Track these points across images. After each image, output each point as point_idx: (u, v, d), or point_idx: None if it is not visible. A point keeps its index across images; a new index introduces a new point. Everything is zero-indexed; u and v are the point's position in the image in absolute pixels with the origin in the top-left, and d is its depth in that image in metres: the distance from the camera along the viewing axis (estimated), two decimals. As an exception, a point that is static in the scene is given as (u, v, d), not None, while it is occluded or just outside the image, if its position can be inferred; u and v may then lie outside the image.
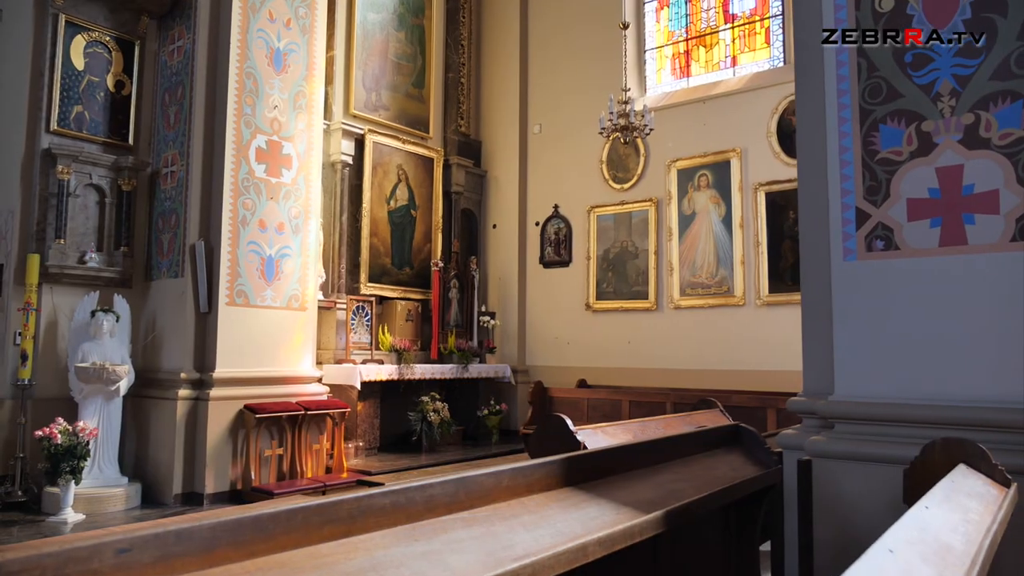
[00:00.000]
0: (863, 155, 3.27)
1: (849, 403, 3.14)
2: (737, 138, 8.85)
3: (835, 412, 3.19)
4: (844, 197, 3.30)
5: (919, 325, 3.03)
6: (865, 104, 3.28)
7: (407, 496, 1.43)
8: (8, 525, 5.63)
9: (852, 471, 3.09)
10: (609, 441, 4.26)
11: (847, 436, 3.14)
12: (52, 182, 6.66)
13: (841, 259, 3.28)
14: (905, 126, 3.17)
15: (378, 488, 1.38)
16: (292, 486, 6.62)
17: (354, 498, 1.33)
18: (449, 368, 9.18)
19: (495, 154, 10.95)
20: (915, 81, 3.16)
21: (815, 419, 3.44)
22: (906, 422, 2.93)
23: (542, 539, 1.59)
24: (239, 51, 7.02)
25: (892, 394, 3.05)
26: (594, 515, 1.80)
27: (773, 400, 7.43)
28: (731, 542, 2.69)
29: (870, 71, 3.27)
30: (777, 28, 8.95)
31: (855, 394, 3.15)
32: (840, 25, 3.40)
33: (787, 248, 8.38)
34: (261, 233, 7.09)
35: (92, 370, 6.22)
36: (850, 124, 3.33)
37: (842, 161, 3.33)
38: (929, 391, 2.96)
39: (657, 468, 2.25)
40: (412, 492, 1.44)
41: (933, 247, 3.06)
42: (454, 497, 1.53)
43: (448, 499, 1.51)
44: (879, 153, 3.22)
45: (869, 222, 3.20)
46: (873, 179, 3.22)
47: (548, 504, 1.75)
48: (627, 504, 1.93)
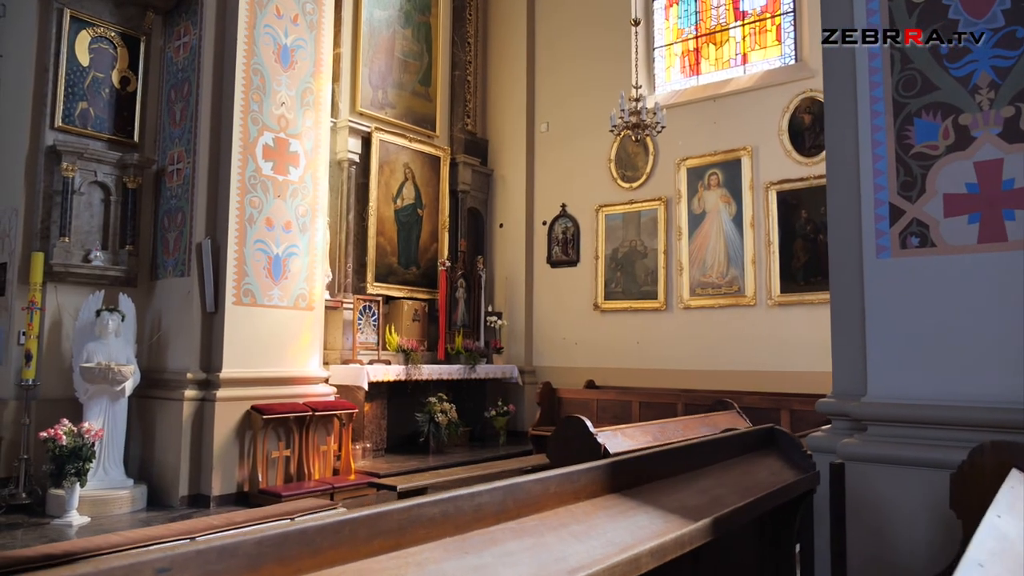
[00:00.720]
0: (897, 149, 3.17)
1: (884, 404, 3.05)
2: (748, 136, 8.75)
3: (869, 414, 3.10)
4: (877, 193, 3.21)
5: (957, 324, 2.93)
6: (899, 97, 3.18)
7: (456, 505, 1.33)
8: (12, 528, 5.53)
9: (888, 475, 3.00)
10: (629, 443, 4.18)
11: (882, 439, 3.05)
12: (56, 179, 6.57)
13: (874, 256, 3.19)
14: (941, 119, 3.07)
15: (426, 497, 1.28)
16: (300, 488, 6.52)
17: (403, 508, 1.24)
18: (456, 369, 9.08)
19: (502, 153, 10.85)
20: (952, 73, 3.07)
21: (845, 421, 3.35)
22: (947, 425, 2.83)
23: (594, 550, 1.49)
24: (246, 47, 6.92)
25: (929, 395, 2.96)
26: (642, 523, 1.70)
27: (787, 401, 7.33)
28: (766, 549, 2.59)
29: (904, 63, 3.18)
30: (788, 25, 8.86)
31: (890, 395, 3.06)
32: (872, 16, 3.31)
33: (799, 247, 8.29)
34: (268, 231, 6.99)
35: (97, 370, 6.13)
36: (883, 118, 3.23)
37: (874, 156, 3.24)
38: (969, 392, 2.86)
39: (697, 473, 2.15)
40: (461, 501, 1.34)
41: (971, 244, 2.96)
42: (502, 506, 1.43)
43: (496, 508, 1.42)
44: (914, 147, 3.12)
45: (903, 218, 3.11)
46: (907, 174, 3.13)
47: (595, 512, 1.65)
48: (673, 511, 1.83)
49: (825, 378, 7.71)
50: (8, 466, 6.16)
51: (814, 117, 8.31)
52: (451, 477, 5.64)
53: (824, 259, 8.02)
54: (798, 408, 7.18)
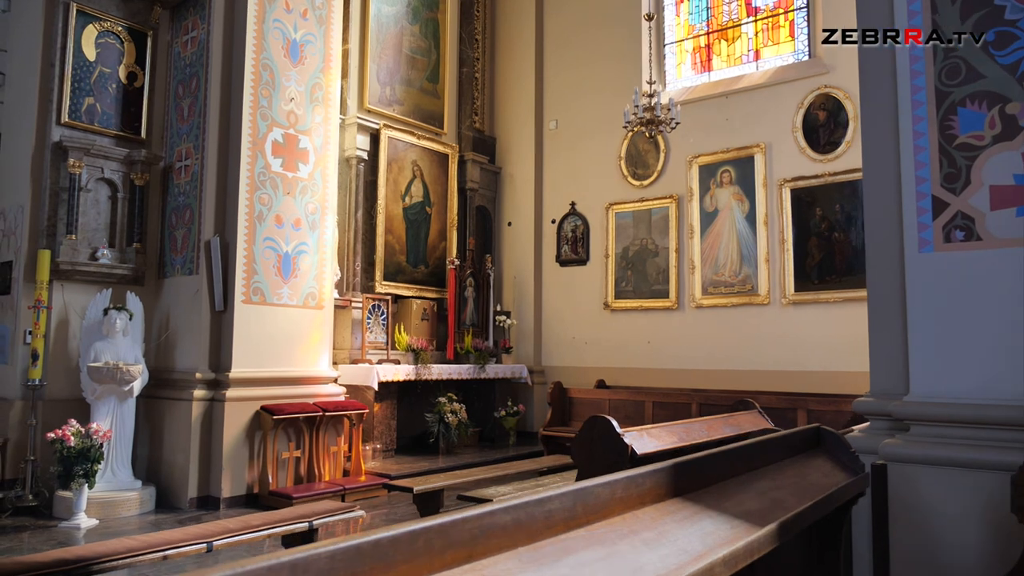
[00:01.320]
0: (940, 140, 3.07)
1: (929, 404, 2.95)
2: (761, 133, 8.65)
3: (912, 413, 3.00)
4: (919, 185, 3.11)
5: (1005, 320, 2.83)
6: (942, 86, 3.08)
7: (527, 512, 1.23)
8: (19, 530, 5.42)
9: (934, 476, 2.89)
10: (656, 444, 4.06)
11: (927, 439, 2.94)
12: (63, 176, 6.46)
13: (916, 251, 3.08)
14: (987, 109, 2.97)
15: (496, 504, 1.17)
16: (310, 490, 6.41)
17: (475, 516, 1.13)
18: (466, 368, 8.97)
19: (510, 150, 10.75)
20: (998, 61, 2.96)
21: (884, 420, 3.25)
22: (999, 424, 2.72)
23: (667, 558, 1.39)
24: (255, 42, 6.82)
25: (976, 394, 2.86)
26: (709, 530, 1.60)
27: (803, 401, 7.22)
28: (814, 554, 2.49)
29: (947, 51, 3.08)
30: (802, 21, 8.75)
31: (934, 394, 2.95)
32: (912, 5, 3.20)
33: (814, 246, 8.18)
34: (277, 229, 6.89)
35: (105, 370, 6.02)
36: (925, 107, 3.12)
37: (916, 147, 3.14)
38: (1019, 391, 2.76)
39: (753, 475, 2.05)
40: (531, 507, 1.24)
41: (1020, 237, 2.86)
42: (571, 512, 1.33)
43: (566, 514, 1.31)
44: (958, 138, 3.02)
45: (947, 211, 3.01)
46: (951, 165, 3.02)
47: (662, 518, 1.55)
48: (737, 516, 1.73)
49: (842, 377, 7.67)
50: (15, 467, 6.05)
51: (829, 113, 8.21)
52: (467, 479, 5.53)
53: (839, 258, 7.93)
54: (815, 408, 7.07)
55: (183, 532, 3.42)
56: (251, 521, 3.71)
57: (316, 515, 3.98)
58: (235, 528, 3.56)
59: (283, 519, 3.83)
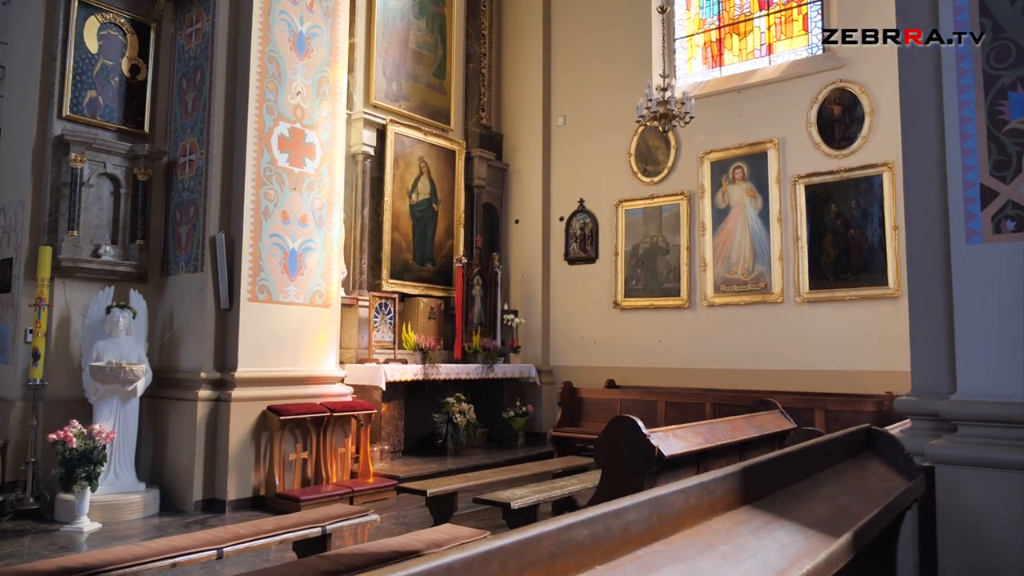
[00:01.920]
0: (988, 126, 2.92)
1: (979, 403, 2.80)
2: (774, 129, 8.50)
3: (960, 413, 2.85)
4: (966, 173, 2.96)
5: (1061, 315, 2.69)
6: (990, 69, 2.93)
7: (604, 525, 1.08)
8: (20, 535, 5.27)
9: (985, 479, 2.74)
10: (682, 445, 3.92)
11: (977, 440, 2.79)
12: (64, 171, 6.31)
13: (963, 242, 2.93)
14: (1040, 93, 2.83)
15: (572, 517, 1.03)
16: (318, 492, 6.26)
17: (551, 532, 0.98)
18: (475, 368, 8.83)
19: (517, 147, 10.60)
20: (1052, 42, 2.82)
21: (927, 421, 3.10)
22: (1059, 425, 2.58)
23: (751, 574, 1.24)
24: (261, 34, 6.67)
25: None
26: (785, 541, 1.45)
27: (820, 401, 7.07)
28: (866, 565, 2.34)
29: (996, 32, 2.93)
30: (815, 14, 8.61)
31: (984, 392, 2.80)
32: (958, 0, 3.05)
33: (829, 243, 8.03)
34: (284, 225, 6.74)
35: (108, 369, 5.87)
36: (972, 92, 2.98)
37: (963, 133, 2.99)
38: (1078, 389, 2.61)
39: (815, 480, 1.90)
40: (609, 520, 1.09)
41: (1075, 227, 2.72)
42: (648, 524, 1.18)
43: (643, 527, 1.17)
44: (1008, 123, 2.87)
45: (997, 200, 2.86)
46: (1001, 152, 2.88)
47: (736, 528, 1.40)
48: (809, 525, 1.58)
49: (859, 377, 7.51)
50: (15, 470, 5.89)
51: (844, 108, 8.06)
52: (479, 481, 5.38)
53: (855, 255, 7.78)
54: (833, 408, 6.93)
55: (192, 538, 3.27)
56: (262, 526, 3.56)
57: (329, 519, 3.83)
58: (246, 533, 3.41)
59: (295, 524, 3.68)
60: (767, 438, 4.75)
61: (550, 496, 4.87)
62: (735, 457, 4.48)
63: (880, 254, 7.67)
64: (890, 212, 7.62)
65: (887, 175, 7.67)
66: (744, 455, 4.55)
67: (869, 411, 6.73)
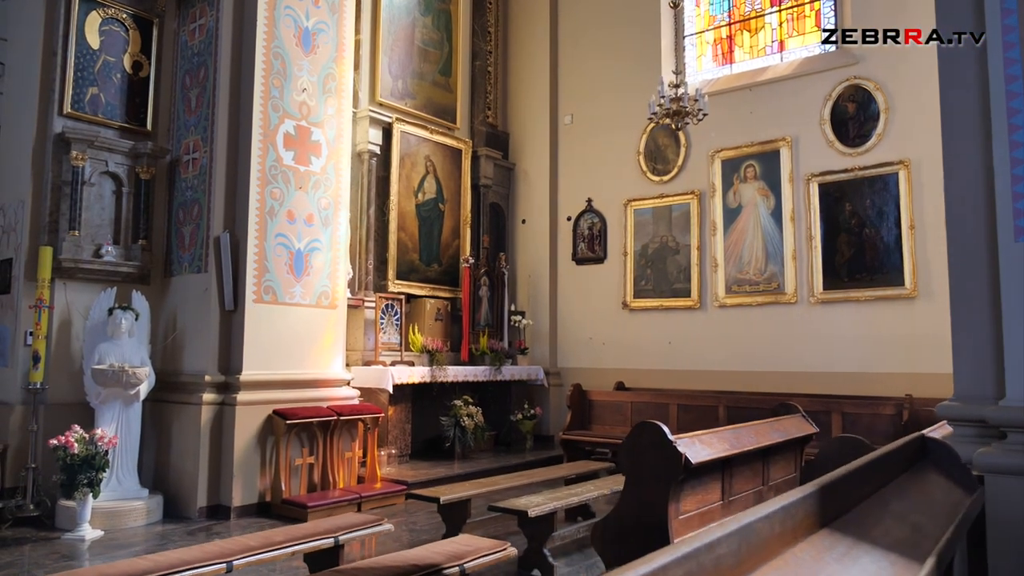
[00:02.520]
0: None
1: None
2: (787, 126, 8.36)
3: (1011, 419, 2.70)
4: (1015, 168, 2.81)
5: (1118, 316, 2.55)
6: (1039, 61, 2.79)
7: (698, 562, 0.94)
8: (20, 543, 5.12)
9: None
10: (708, 451, 3.77)
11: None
12: (65, 169, 6.16)
13: (1011, 240, 2.79)
14: (1094, 82, 2.69)
15: (666, 556, 0.89)
16: (325, 498, 6.11)
17: (648, 573, 0.84)
18: (482, 370, 8.68)
19: (524, 146, 10.46)
20: (1106, 29, 2.68)
21: (972, 427, 2.96)
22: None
23: (848, 613, 1.10)
24: (266, 30, 6.52)
25: (1087, 398, 2.57)
26: (871, 569, 1.31)
27: (837, 404, 6.92)
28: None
29: (1045, 23, 2.79)
30: (828, 11, 8.47)
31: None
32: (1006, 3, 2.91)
33: (843, 242, 7.89)
34: (289, 225, 6.59)
35: (110, 372, 5.72)
36: (1020, 82, 2.84)
37: (1011, 126, 2.84)
38: None
39: (881, 496, 1.76)
40: (701, 556, 0.95)
41: None
42: (738, 557, 1.04)
43: (733, 560, 1.03)
44: (1059, 115, 2.74)
45: (1048, 196, 2.72)
46: (1052, 146, 2.74)
47: (821, 557, 1.26)
48: (889, 548, 1.44)
49: (876, 379, 7.37)
50: (15, 475, 5.74)
51: (858, 105, 7.92)
52: (492, 488, 5.23)
53: (869, 254, 7.65)
54: (851, 411, 6.78)
55: (200, 550, 3.13)
56: (273, 537, 3.41)
57: (341, 530, 3.68)
58: (256, 545, 3.27)
59: (307, 535, 3.53)
60: (791, 443, 4.60)
61: (567, 503, 4.73)
62: (758, 464, 4.33)
63: (896, 254, 7.53)
64: (906, 211, 7.48)
65: (903, 173, 7.53)
66: (767, 461, 4.40)
67: (888, 414, 6.59)
